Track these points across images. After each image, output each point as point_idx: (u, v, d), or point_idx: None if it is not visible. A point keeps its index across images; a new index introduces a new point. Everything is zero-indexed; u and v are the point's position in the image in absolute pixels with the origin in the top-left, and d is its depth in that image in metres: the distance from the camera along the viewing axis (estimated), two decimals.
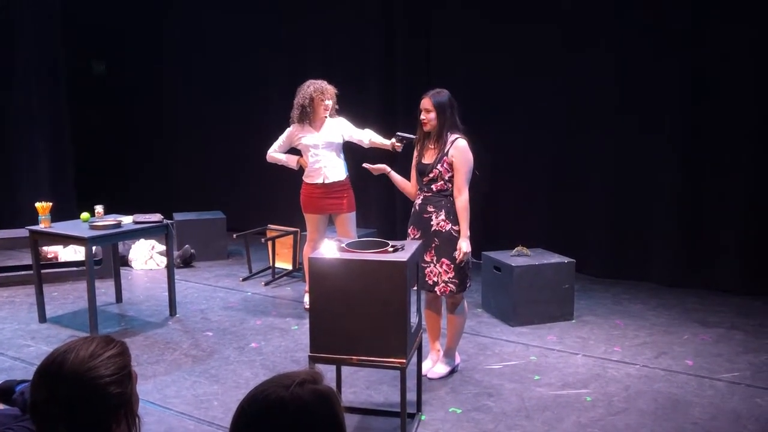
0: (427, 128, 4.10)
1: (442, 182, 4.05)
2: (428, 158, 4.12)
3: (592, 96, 6.33)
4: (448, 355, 4.33)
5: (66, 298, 6.05)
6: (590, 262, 6.38)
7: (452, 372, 4.32)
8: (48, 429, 1.48)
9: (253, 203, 8.43)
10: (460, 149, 4.01)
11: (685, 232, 6.08)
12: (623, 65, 6.17)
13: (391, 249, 3.41)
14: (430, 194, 4.09)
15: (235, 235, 6.83)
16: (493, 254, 5.49)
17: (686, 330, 5.11)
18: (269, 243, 6.66)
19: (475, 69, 6.83)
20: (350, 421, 3.62)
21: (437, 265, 4.06)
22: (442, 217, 4.04)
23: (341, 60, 7.61)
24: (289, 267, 6.76)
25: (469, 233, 4.02)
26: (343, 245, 3.46)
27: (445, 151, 4.03)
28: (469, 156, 4.04)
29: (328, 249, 3.41)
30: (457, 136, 4.05)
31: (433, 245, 4.05)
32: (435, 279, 4.08)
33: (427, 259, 4.07)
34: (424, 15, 7.18)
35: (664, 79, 6.02)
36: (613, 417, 3.72)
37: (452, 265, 4.03)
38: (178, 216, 7.45)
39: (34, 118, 8.33)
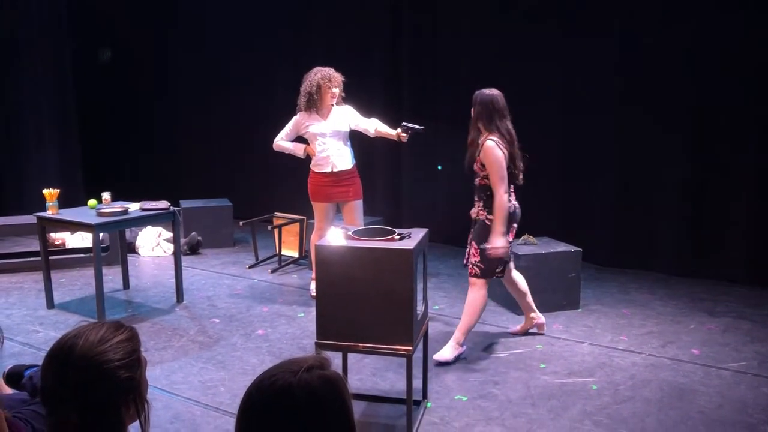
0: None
1: (479, 178, 4.29)
2: (469, 154, 4.37)
3: (598, 86, 6.28)
4: (456, 339, 4.36)
5: (73, 284, 6.08)
6: (597, 251, 6.36)
7: (458, 359, 4.33)
8: (58, 413, 1.49)
9: (259, 191, 8.43)
10: (485, 151, 4.18)
11: (692, 221, 6.05)
12: (628, 55, 6.12)
13: (398, 237, 3.41)
14: (475, 186, 4.36)
15: (241, 223, 6.84)
16: None
17: (693, 319, 5.10)
18: (276, 230, 6.67)
19: (481, 59, 6.80)
20: (356, 408, 3.63)
21: (470, 247, 4.38)
22: (481, 206, 4.32)
23: (346, 47, 7.58)
24: (296, 254, 6.77)
25: (502, 230, 4.17)
26: (350, 233, 3.46)
27: (477, 151, 4.24)
28: (495, 155, 4.14)
29: (335, 237, 3.41)
30: (489, 137, 4.20)
31: (472, 229, 4.41)
32: (469, 259, 4.40)
33: (468, 241, 4.43)
34: (430, 3, 7.14)
35: (669, 69, 5.97)
36: (618, 405, 3.72)
37: (479, 250, 4.29)
38: (185, 203, 7.46)
39: (41, 105, 8.34)
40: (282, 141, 5.46)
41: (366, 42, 7.59)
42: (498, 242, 4.16)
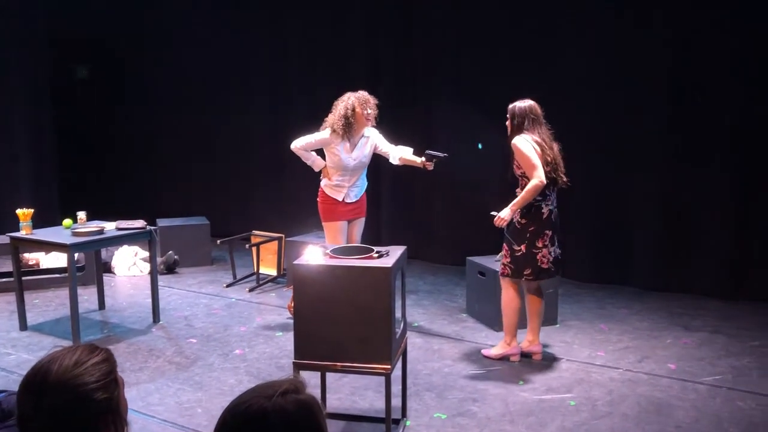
0: None
1: (520, 182, 4.45)
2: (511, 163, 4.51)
3: (576, 100, 6.33)
4: (504, 339, 4.63)
5: (48, 305, 5.99)
6: (575, 267, 6.40)
7: (504, 358, 4.59)
8: None
9: (236, 209, 8.40)
10: (513, 148, 4.40)
11: (669, 237, 6.12)
12: (609, 69, 6.19)
13: (376, 255, 3.41)
14: (518, 193, 4.46)
15: (219, 241, 6.80)
16: (477, 259, 5.50)
17: (669, 334, 5.14)
18: (253, 249, 6.64)
19: (460, 71, 6.85)
20: (335, 427, 3.61)
21: (503, 249, 4.55)
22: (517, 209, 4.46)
23: (325, 66, 7.60)
24: (274, 273, 6.74)
25: (516, 207, 4.36)
26: (328, 251, 3.46)
27: (512, 155, 4.46)
28: (520, 148, 4.34)
29: (313, 255, 3.41)
30: (516, 137, 4.40)
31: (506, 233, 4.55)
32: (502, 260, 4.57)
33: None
34: (405, 17, 7.19)
35: (648, 81, 6.05)
36: (596, 421, 3.74)
37: (509, 251, 4.48)
38: (162, 222, 7.41)
39: (15, 123, 8.25)
40: (303, 149, 5.23)
41: (346, 48, 7.57)
42: (504, 212, 4.37)
